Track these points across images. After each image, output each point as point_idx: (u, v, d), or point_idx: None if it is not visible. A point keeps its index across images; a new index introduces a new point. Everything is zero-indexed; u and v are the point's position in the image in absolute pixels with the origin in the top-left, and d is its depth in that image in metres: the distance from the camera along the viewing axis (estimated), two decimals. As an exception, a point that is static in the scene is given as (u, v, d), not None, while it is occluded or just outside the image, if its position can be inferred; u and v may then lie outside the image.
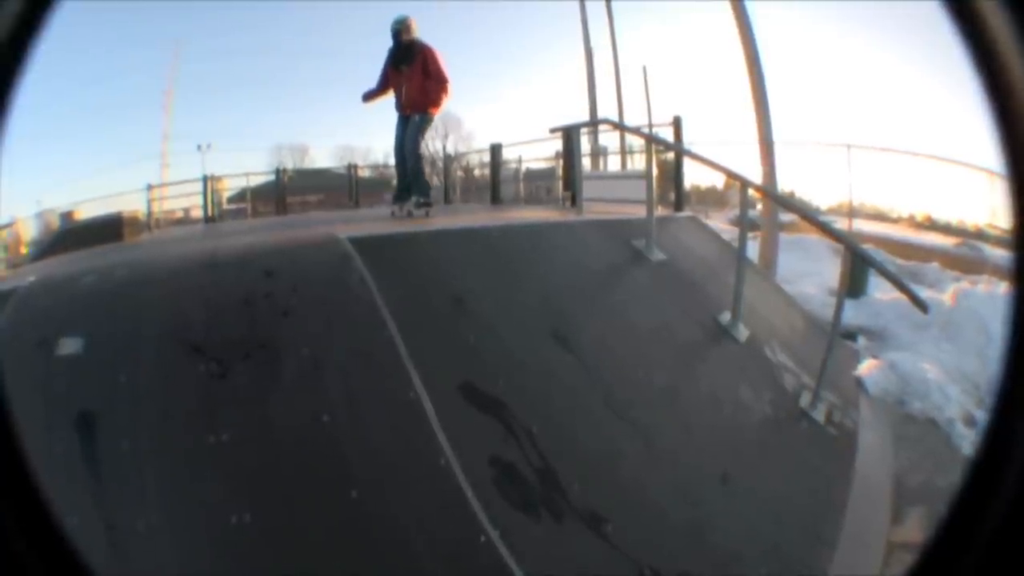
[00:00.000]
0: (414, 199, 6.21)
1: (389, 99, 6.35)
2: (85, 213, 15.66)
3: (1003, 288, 8.00)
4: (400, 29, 6.27)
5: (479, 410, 2.75)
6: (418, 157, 6.40)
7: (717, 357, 4.38)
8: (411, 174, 6.33)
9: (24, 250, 14.66)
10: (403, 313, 2.82)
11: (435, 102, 6.17)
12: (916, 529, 3.78)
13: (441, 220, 5.17)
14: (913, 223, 16.47)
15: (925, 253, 12.73)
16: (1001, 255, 12.20)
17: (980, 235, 13.95)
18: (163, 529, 2.09)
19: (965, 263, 12.17)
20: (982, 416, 5.40)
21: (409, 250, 3.46)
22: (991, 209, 13.00)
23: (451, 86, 6.21)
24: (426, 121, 6.31)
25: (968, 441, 5.05)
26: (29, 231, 17.14)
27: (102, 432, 2.21)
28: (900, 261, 11.67)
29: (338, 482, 2.28)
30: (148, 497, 2.12)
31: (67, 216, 16.37)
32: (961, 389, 6.01)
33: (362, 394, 2.52)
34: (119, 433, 2.23)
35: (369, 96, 6.49)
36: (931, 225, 16.13)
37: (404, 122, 6.32)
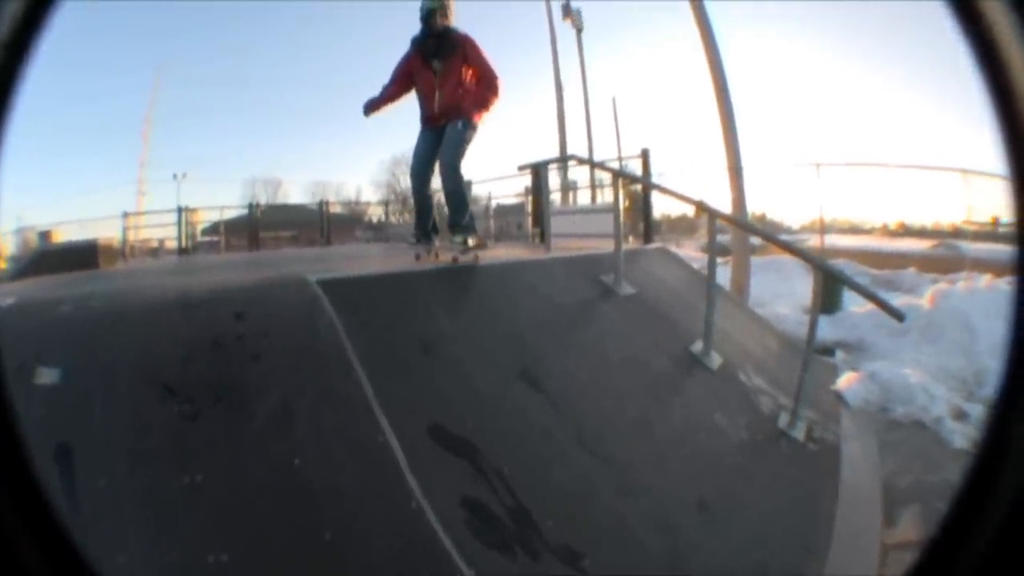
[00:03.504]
0: (459, 238, 4.66)
1: (400, 107, 5.04)
2: (63, 234, 16.12)
3: (984, 282, 8.12)
4: (434, 9, 4.78)
5: (449, 452, 2.76)
6: (460, 179, 4.87)
7: (690, 386, 4.41)
8: (451, 202, 4.83)
9: (2, 264, 14.78)
10: (371, 355, 2.85)
11: (483, 104, 4.79)
12: (911, 528, 3.82)
13: (411, 259, 4.96)
14: (887, 231, 16.76)
15: (900, 260, 12.93)
16: (979, 249, 12.43)
17: (957, 233, 14.18)
18: (142, 565, 2.08)
19: (943, 263, 12.35)
20: (972, 409, 5.48)
21: (376, 291, 3.48)
22: (966, 206, 13.22)
23: (502, 85, 4.85)
24: (469, 130, 4.81)
25: (959, 435, 5.13)
26: (8, 246, 17.63)
27: (79, 465, 2.21)
28: (875, 271, 11.85)
29: (311, 524, 2.28)
30: (126, 533, 2.12)
31: (45, 236, 16.66)
32: (947, 387, 6.11)
33: (332, 438, 2.53)
34: (96, 468, 2.23)
35: (376, 104, 5.02)
36: (905, 231, 16.40)
37: (433, 135, 4.89)
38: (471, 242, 4.65)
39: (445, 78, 4.79)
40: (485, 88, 4.79)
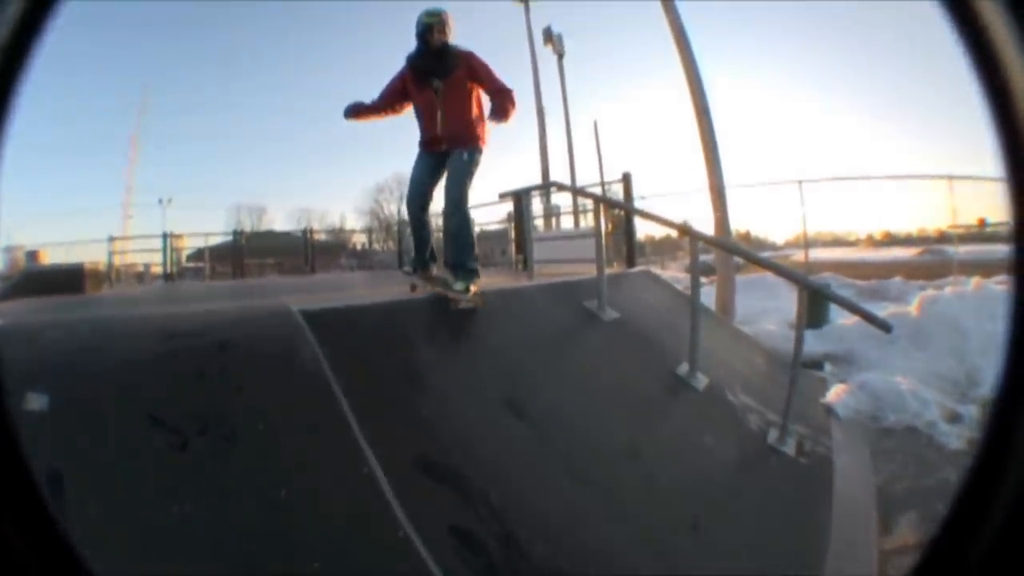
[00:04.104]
0: (460, 284, 4.15)
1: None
2: (50, 255, 16.38)
3: (972, 285, 8.21)
4: (432, 25, 4.30)
5: (435, 481, 2.76)
6: (466, 217, 4.38)
7: (677, 408, 4.43)
8: (456, 241, 4.31)
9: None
10: (355, 386, 2.86)
11: (503, 114, 4.24)
12: (909, 532, 3.86)
13: (395, 288, 4.97)
14: (872, 242, 16.94)
15: (886, 269, 13.05)
16: (966, 252, 12.58)
17: (942, 238, 14.34)
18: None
19: (929, 269, 12.49)
20: (966, 410, 5.54)
21: (360, 322, 3.50)
22: (951, 211, 13.37)
23: (516, 96, 4.38)
24: (476, 157, 4.38)
25: (954, 437, 5.21)
26: (-2, 264, 17.53)
27: (70, 493, 2.20)
28: (861, 282, 11.94)
29: (300, 554, 2.27)
30: (119, 562, 2.10)
31: (33, 256, 16.73)
32: (939, 390, 6.19)
33: (317, 469, 2.54)
34: (86, 496, 2.21)
35: (360, 111, 4.55)
36: (890, 240, 16.58)
37: (433, 159, 4.43)
38: (472, 289, 4.17)
39: (447, 99, 4.33)
40: (503, 100, 4.28)
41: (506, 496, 2.85)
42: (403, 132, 4.68)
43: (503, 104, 4.25)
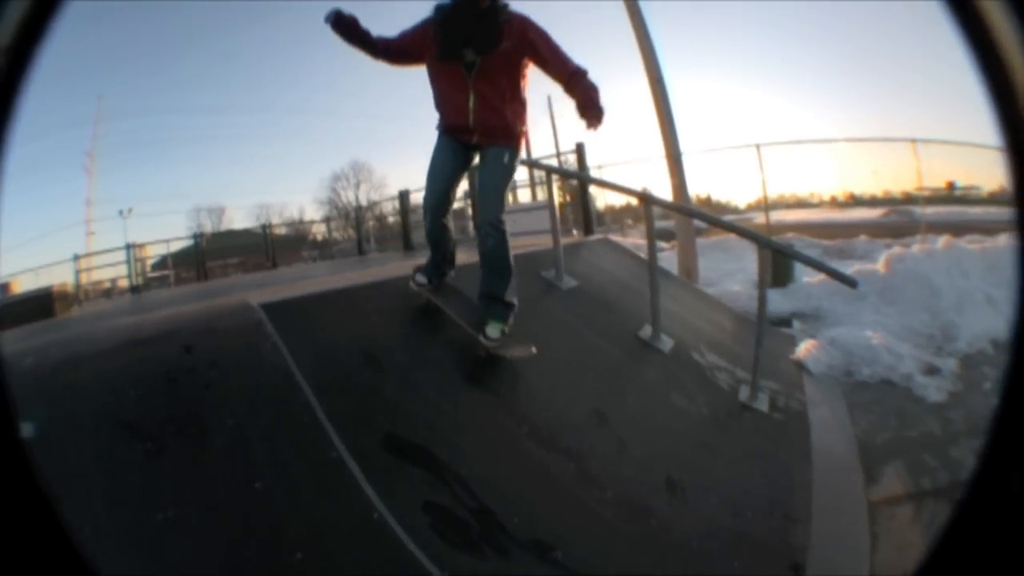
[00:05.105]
0: (495, 326, 3.46)
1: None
2: (22, 283, 16.00)
3: (941, 243, 8.33)
4: None
5: (405, 461, 2.79)
6: (505, 237, 3.46)
7: (642, 371, 4.46)
8: (489, 265, 3.49)
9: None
10: (318, 373, 2.89)
11: (595, 115, 3.05)
12: (896, 483, 3.91)
13: (354, 275, 4.96)
14: (836, 204, 17.19)
15: (851, 229, 13.24)
16: (933, 213, 12.79)
17: (909, 200, 14.56)
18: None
19: (895, 229, 12.70)
20: (944, 364, 5.65)
21: (318, 309, 3.51)
22: (917, 173, 13.58)
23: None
24: (516, 161, 3.45)
25: (933, 389, 5.21)
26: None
27: (65, 515, 2.20)
28: (826, 242, 12.11)
29: (281, 545, 2.29)
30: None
31: (5, 288, 16.50)
32: (913, 344, 6.24)
33: (287, 459, 2.56)
34: (79, 517, 2.20)
35: (349, 31, 3.27)
36: (855, 202, 16.85)
37: (462, 150, 3.49)
38: (506, 331, 3.48)
39: (483, 80, 3.24)
40: (583, 91, 3.12)
41: (478, 470, 2.88)
42: (359, 119, 4.56)
43: (587, 96, 3.09)
